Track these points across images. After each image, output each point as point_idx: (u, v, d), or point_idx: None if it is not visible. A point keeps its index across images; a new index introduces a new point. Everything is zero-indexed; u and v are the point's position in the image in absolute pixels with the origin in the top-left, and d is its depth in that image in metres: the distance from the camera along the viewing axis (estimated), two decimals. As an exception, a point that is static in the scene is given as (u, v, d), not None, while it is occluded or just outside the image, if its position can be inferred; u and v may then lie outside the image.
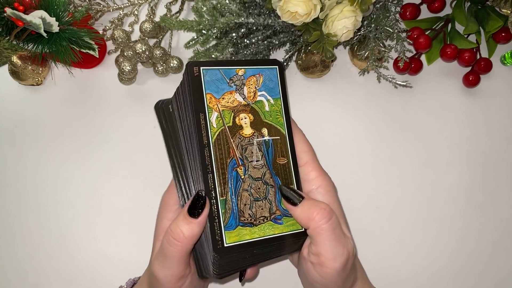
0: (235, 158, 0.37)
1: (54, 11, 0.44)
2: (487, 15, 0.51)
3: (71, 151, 0.51)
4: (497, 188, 0.51)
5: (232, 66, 0.38)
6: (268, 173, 0.38)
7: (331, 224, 0.34)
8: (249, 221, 0.36)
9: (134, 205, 0.50)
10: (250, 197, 0.37)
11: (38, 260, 0.49)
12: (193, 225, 0.34)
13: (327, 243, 0.34)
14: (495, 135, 0.52)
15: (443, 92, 0.53)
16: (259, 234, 0.36)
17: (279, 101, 0.39)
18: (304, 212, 0.35)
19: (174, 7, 0.54)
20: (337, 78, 0.53)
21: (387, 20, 0.50)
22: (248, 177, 0.37)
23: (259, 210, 0.37)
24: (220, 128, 0.37)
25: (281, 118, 0.39)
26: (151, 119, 0.52)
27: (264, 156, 0.38)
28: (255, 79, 0.39)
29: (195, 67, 0.37)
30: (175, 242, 0.34)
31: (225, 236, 0.35)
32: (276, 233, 0.37)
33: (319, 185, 0.38)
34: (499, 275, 0.49)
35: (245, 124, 0.38)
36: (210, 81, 0.37)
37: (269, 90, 0.39)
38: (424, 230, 0.49)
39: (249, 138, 0.38)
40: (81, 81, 0.53)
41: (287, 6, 0.43)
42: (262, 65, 0.39)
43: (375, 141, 0.51)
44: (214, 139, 0.36)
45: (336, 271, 0.35)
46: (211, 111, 0.37)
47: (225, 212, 0.36)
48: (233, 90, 0.38)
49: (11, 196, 0.51)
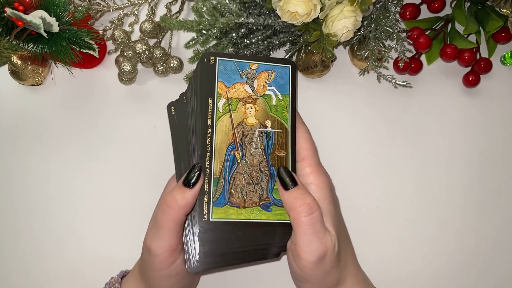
0: (235, 142, 0.39)
1: (54, 11, 0.44)
2: (487, 15, 0.51)
3: (71, 151, 0.51)
4: (496, 188, 0.51)
5: (247, 60, 0.41)
6: (264, 162, 0.39)
7: (311, 219, 0.35)
8: (238, 202, 0.38)
9: (134, 205, 0.50)
10: (243, 181, 0.38)
11: (39, 259, 0.49)
12: (187, 194, 0.36)
13: (304, 236, 0.35)
14: (495, 135, 0.52)
15: (443, 92, 0.53)
16: (245, 216, 0.38)
17: (287, 98, 0.41)
18: (289, 199, 0.36)
19: (174, 7, 0.54)
20: (337, 78, 0.53)
21: (387, 20, 0.50)
22: (245, 162, 0.39)
23: (250, 194, 0.38)
24: (225, 113, 0.39)
25: (286, 114, 0.40)
26: (151, 119, 0.52)
27: (263, 146, 0.39)
28: (266, 75, 0.41)
29: (212, 56, 0.40)
30: (168, 209, 0.35)
31: (212, 211, 0.37)
32: (263, 219, 0.38)
33: (311, 182, 0.38)
34: (499, 275, 0.49)
35: (250, 114, 0.40)
36: (224, 70, 0.40)
37: (279, 86, 0.41)
38: (424, 230, 0.50)
39: (251, 127, 0.40)
40: (81, 81, 0.53)
41: (287, 6, 0.43)
42: (276, 63, 0.41)
43: (375, 141, 0.51)
44: (218, 122, 0.39)
45: (312, 264, 0.35)
46: (220, 97, 0.39)
47: (217, 190, 0.38)
48: (243, 82, 0.40)
49: (12, 195, 0.51)
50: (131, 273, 0.42)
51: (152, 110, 0.52)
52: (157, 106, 0.52)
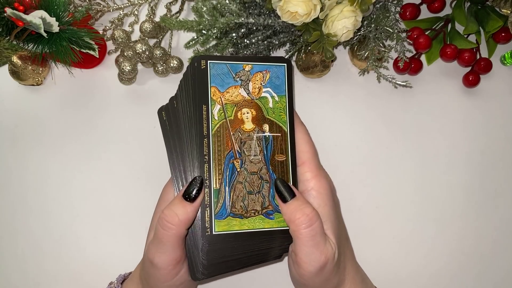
0: (233, 151, 0.37)
1: (54, 11, 0.44)
2: (487, 15, 0.51)
3: (72, 151, 0.51)
4: (496, 188, 0.51)
5: (240, 62, 0.39)
6: (264, 168, 0.38)
7: (310, 231, 0.35)
8: (240, 212, 0.37)
9: (134, 205, 0.50)
10: (244, 190, 0.37)
11: (38, 259, 0.49)
12: (188, 209, 0.35)
13: (304, 248, 0.35)
14: (495, 135, 0.52)
15: (443, 92, 0.53)
16: (248, 226, 0.37)
17: (284, 99, 0.39)
18: (288, 211, 0.36)
19: (174, 7, 0.54)
20: (337, 78, 0.53)
21: (387, 20, 0.50)
22: (244, 170, 0.37)
23: (251, 203, 0.37)
24: (221, 120, 0.38)
25: (284, 116, 0.39)
26: (151, 119, 0.52)
27: (262, 152, 0.38)
28: (261, 76, 0.39)
29: (203, 60, 0.38)
30: (170, 226, 0.34)
31: (215, 224, 0.36)
32: (266, 227, 0.37)
33: (312, 187, 0.37)
34: (499, 275, 0.49)
35: (247, 119, 0.38)
36: (216, 74, 0.38)
37: (274, 87, 0.39)
38: (424, 230, 0.49)
39: (249, 132, 0.38)
40: (81, 81, 0.53)
41: (287, 6, 0.43)
42: (270, 62, 0.39)
43: (375, 141, 0.51)
44: (214, 130, 0.37)
45: (311, 274, 0.35)
46: (214, 103, 0.38)
47: (217, 201, 0.36)
48: (237, 85, 0.38)
49: (12, 195, 0.51)
50: (131, 279, 0.41)
51: (152, 110, 0.51)
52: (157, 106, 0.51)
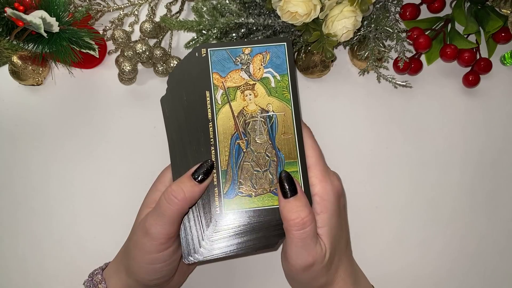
0: (238, 132, 0.38)
1: (54, 11, 0.44)
2: (487, 15, 0.51)
3: (72, 151, 0.51)
4: (496, 188, 0.51)
5: (239, 46, 0.40)
6: (270, 147, 0.39)
7: (302, 233, 0.35)
8: (249, 191, 0.38)
9: (134, 205, 0.50)
10: (251, 169, 0.38)
11: (39, 259, 0.49)
12: (195, 188, 0.36)
13: (293, 247, 0.36)
14: (495, 135, 0.52)
15: (443, 92, 0.53)
16: (258, 204, 0.38)
17: (286, 77, 0.40)
18: (285, 209, 0.36)
19: (174, 7, 0.54)
20: (337, 78, 0.53)
21: (387, 20, 0.50)
22: (250, 150, 0.38)
23: (259, 182, 0.38)
24: (224, 104, 0.39)
25: (287, 94, 0.40)
26: (151, 119, 0.52)
27: (267, 131, 0.39)
28: (261, 57, 0.40)
29: (203, 48, 0.39)
30: (175, 201, 0.36)
31: (224, 203, 0.37)
32: (275, 205, 0.38)
33: (315, 193, 0.38)
34: (499, 275, 0.49)
35: (250, 100, 0.39)
36: (217, 60, 0.39)
37: (275, 66, 0.40)
38: (424, 230, 0.50)
39: (253, 113, 0.39)
40: (81, 81, 0.53)
41: (287, 6, 0.44)
42: (270, 43, 0.40)
43: (375, 141, 0.51)
44: (218, 114, 0.38)
45: (297, 270, 0.36)
46: (217, 88, 0.39)
47: (226, 182, 0.38)
48: (238, 69, 0.40)
49: (12, 195, 0.51)
50: (110, 266, 0.42)
51: (152, 110, 0.52)
52: (157, 106, 0.52)
